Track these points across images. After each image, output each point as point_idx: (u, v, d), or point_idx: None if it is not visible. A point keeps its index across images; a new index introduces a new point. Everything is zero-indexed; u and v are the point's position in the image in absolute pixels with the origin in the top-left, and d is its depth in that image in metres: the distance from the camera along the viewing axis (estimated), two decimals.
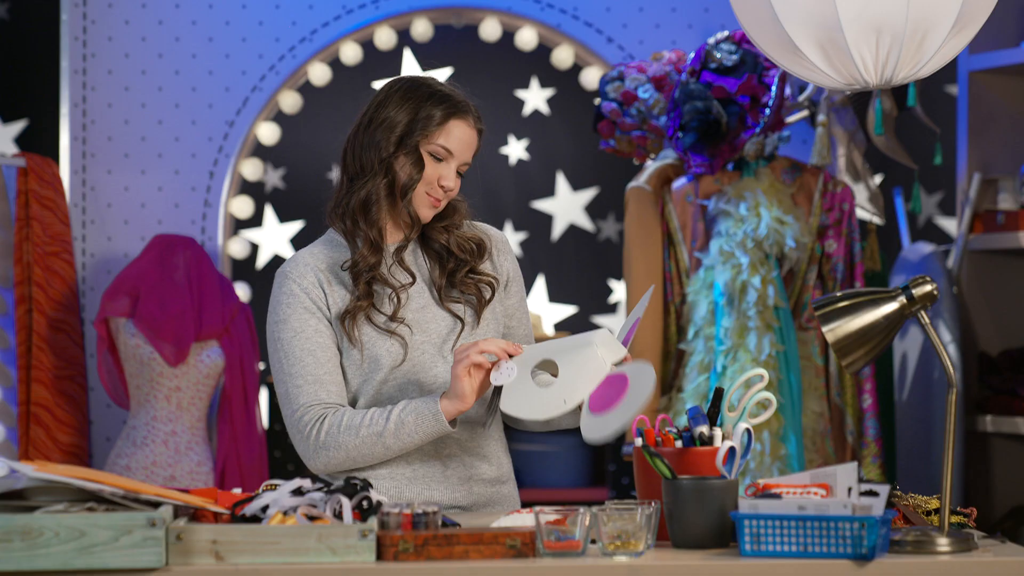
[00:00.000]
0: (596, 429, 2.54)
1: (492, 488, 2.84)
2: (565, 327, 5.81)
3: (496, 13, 5.43)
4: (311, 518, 2.34)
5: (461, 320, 2.81)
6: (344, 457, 2.72)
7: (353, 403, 2.79)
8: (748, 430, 2.46)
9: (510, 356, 2.65)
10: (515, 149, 5.87)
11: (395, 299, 2.78)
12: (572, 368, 2.61)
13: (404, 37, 5.53)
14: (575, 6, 5.43)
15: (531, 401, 2.62)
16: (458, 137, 2.78)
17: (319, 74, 5.46)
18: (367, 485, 2.39)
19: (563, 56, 5.50)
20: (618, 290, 5.86)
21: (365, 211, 2.80)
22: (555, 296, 5.86)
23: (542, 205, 5.90)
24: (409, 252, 2.84)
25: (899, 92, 4.60)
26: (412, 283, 2.80)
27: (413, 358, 2.78)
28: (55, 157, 5.25)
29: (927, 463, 4.82)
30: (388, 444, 2.71)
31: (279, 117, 5.54)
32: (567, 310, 5.85)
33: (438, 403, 2.67)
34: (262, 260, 5.79)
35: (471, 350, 2.64)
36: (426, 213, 2.80)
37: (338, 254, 2.83)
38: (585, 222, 5.88)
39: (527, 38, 5.46)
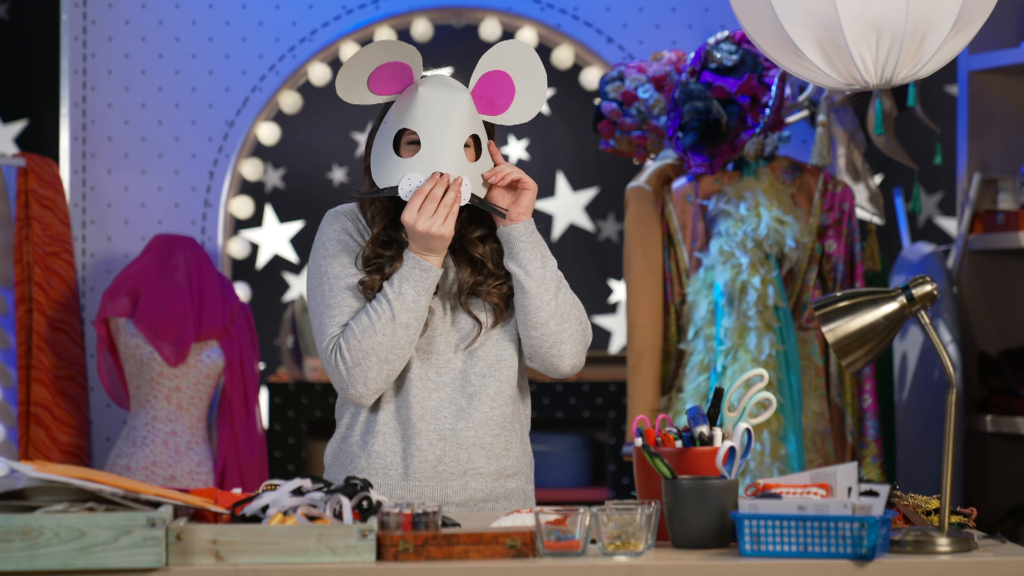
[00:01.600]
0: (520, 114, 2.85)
1: (494, 483, 2.83)
2: None
3: (496, 13, 5.43)
4: (311, 518, 2.34)
5: (480, 323, 2.83)
6: (376, 361, 2.74)
7: None
8: (748, 430, 2.46)
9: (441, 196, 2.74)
10: (515, 149, 5.87)
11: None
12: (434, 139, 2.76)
13: (404, 37, 5.54)
14: (575, 6, 5.43)
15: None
16: None
17: (319, 74, 5.46)
18: (367, 485, 2.39)
19: (563, 56, 5.50)
20: (618, 290, 5.86)
21: (360, 213, 2.88)
22: None
23: (542, 205, 5.90)
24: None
25: (899, 92, 4.60)
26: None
27: (430, 339, 2.81)
28: (55, 157, 5.26)
29: (927, 463, 4.82)
30: (405, 322, 2.74)
31: (279, 117, 5.54)
32: None
33: (418, 259, 2.74)
34: (262, 260, 5.79)
35: (419, 219, 2.72)
36: None
37: None
38: (585, 222, 5.88)
39: (527, 38, 5.46)
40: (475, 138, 2.79)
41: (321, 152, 5.82)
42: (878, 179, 5.57)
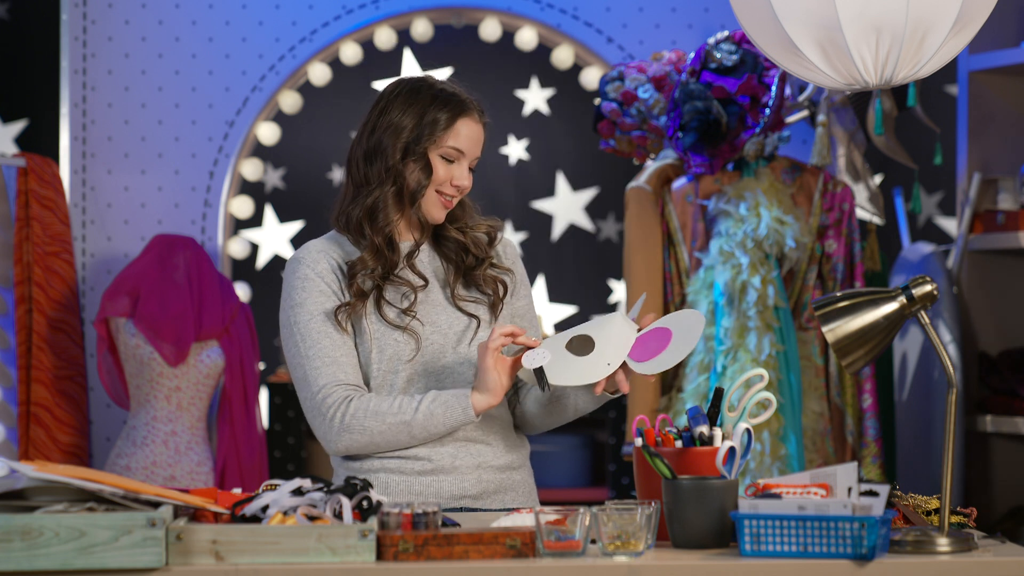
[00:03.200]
0: (646, 368, 2.67)
1: (502, 475, 2.85)
2: (565, 327, 5.80)
3: (496, 13, 5.43)
4: (311, 518, 2.34)
5: (476, 318, 2.83)
6: (367, 441, 2.75)
7: None
8: (748, 430, 2.46)
9: (514, 339, 2.73)
10: (515, 149, 5.87)
11: (410, 296, 2.80)
12: (605, 336, 2.69)
13: (404, 37, 5.54)
14: (575, 6, 5.43)
15: (574, 370, 2.68)
16: (466, 135, 2.81)
17: (319, 74, 5.46)
18: (367, 485, 2.39)
19: (563, 56, 5.50)
20: (618, 290, 5.86)
21: (372, 218, 2.82)
22: (555, 296, 5.86)
23: (542, 205, 5.90)
24: (424, 253, 2.87)
25: (899, 92, 4.60)
26: (425, 285, 2.82)
27: (426, 353, 2.80)
28: (55, 157, 5.25)
29: (927, 463, 4.82)
30: (414, 433, 2.75)
31: (279, 117, 5.54)
32: (567, 310, 5.85)
33: (469, 397, 2.72)
34: (262, 260, 5.79)
35: (489, 339, 2.70)
36: (437, 214, 2.83)
37: (348, 249, 2.86)
38: (585, 222, 5.88)
39: (527, 38, 5.46)
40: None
41: (321, 152, 5.82)
42: (878, 179, 5.57)
